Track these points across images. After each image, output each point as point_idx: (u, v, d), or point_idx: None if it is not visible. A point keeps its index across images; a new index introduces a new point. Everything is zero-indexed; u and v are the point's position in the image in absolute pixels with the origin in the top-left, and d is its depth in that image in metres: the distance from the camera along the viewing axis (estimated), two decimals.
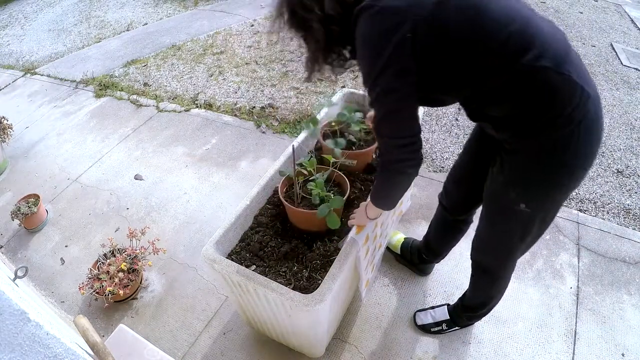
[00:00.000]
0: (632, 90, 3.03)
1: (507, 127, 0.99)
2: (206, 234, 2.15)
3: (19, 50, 4.57)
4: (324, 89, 3.22)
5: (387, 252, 1.94)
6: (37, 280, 2.02)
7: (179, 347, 1.69)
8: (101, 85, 3.56)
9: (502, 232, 1.17)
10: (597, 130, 0.94)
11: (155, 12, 5.09)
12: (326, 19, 0.95)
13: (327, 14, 0.94)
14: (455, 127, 2.73)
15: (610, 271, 1.85)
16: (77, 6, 5.61)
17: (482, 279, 1.40)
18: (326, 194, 1.40)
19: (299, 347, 1.55)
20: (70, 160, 2.79)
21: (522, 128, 0.96)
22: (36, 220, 2.26)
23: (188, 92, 3.36)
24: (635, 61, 3.39)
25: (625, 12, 4.37)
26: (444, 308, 1.65)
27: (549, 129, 0.92)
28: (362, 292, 1.52)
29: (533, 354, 1.58)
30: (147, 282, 1.95)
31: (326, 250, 1.38)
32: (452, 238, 1.63)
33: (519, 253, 1.22)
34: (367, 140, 1.69)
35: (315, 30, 0.97)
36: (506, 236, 1.17)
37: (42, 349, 0.76)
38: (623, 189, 2.25)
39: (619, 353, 1.57)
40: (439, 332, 1.64)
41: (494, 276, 1.34)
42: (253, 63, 3.65)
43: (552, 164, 0.95)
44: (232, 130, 2.89)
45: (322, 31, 0.97)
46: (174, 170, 2.59)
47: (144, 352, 1.25)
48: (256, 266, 1.35)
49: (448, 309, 1.64)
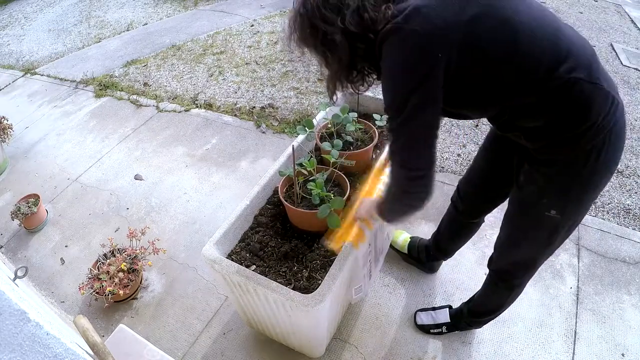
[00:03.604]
0: (632, 90, 3.03)
1: (541, 137, 0.97)
2: (206, 234, 2.15)
3: (19, 50, 4.57)
4: (324, 89, 3.22)
5: (391, 252, 1.94)
6: (37, 280, 2.02)
7: (179, 347, 1.69)
8: (101, 85, 3.56)
9: (530, 240, 1.15)
10: (623, 135, 0.96)
11: (155, 12, 5.09)
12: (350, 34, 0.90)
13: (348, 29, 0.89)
14: (456, 127, 2.73)
15: (610, 271, 1.85)
16: (77, 6, 5.61)
17: (499, 289, 1.37)
18: (326, 194, 1.40)
19: (299, 347, 1.55)
20: (70, 160, 2.79)
21: (556, 138, 0.94)
22: (36, 220, 2.26)
23: (188, 92, 3.36)
24: (635, 61, 3.39)
25: (625, 12, 4.37)
26: (446, 311, 1.64)
27: (584, 138, 0.91)
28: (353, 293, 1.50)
29: (533, 354, 1.58)
30: (147, 282, 1.95)
31: (326, 250, 1.37)
32: (464, 237, 1.63)
33: (542, 261, 1.21)
34: (364, 140, 1.69)
35: (338, 45, 0.91)
36: (534, 244, 1.15)
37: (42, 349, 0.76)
38: (623, 189, 2.25)
39: (619, 353, 1.57)
40: (438, 334, 1.64)
41: (513, 286, 1.32)
42: (253, 63, 3.65)
43: (587, 171, 0.96)
44: (232, 130, 2.89)
45: (347, 44, 0.91)
46: (174, 170, 2.59)
47: (144, 352, 1.25)
48: (256, 266, 1.35)
49: (450, 312, 1.63)
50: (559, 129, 0.92)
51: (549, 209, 1.03)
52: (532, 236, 1.14)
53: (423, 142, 0.92)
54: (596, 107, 0.89)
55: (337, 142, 1.52)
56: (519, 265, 1.25)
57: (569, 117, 0.90)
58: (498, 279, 1.35)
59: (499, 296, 1.39)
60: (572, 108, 0.89)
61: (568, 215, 1.05)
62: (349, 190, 1.44)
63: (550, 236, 1.10)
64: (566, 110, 0.90)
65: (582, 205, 1.04)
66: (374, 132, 1.68)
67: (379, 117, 1.73)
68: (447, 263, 1.87)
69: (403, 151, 0.94)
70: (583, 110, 0.89)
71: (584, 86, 0.87)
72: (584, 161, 0.94)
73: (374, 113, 1.78)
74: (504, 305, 1.41)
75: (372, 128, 1.69)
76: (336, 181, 1.53)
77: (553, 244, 1.13)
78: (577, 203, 1.03)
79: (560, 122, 0.91)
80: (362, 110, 1.90)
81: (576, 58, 0.87)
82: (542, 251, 1.16)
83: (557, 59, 0.86)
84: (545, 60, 0.86)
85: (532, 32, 0.86)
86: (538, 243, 1.14)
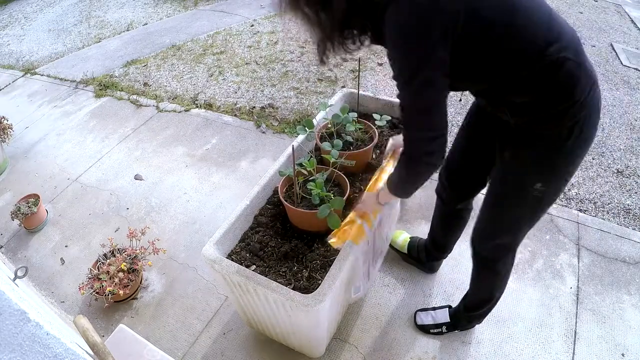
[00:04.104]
0: (632, 90, 3.03)
1: (527, 113, 1.01)
2: (206, 234, 2.15)
3: (19, 50, 4.57)
4: (324, 89, 3.22)
5: (392, 252, 1.94)
6: (37, 280, 2.02)
7: (179, 347, 1.69)
8: (101, 85, 3.56)
9: (513, 215, 1.19)
10: (599, 111, 1.02)
11: (155, 12, 5.09)
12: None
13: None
14: (455, 126, 2.73)
15: (610, 271, 1.85)
16: (77, 6, 5.61)
17: (486, 276, 1.41)
18: (326, 194, 1.40)
19: (299, 347, 1.55)
20: (70, 160, 2.79)
21: (542, 114, 0.99)
22: (36, 220, 2.26)
23: (188, 92, 3.36)
24: (635, 61, 3.39)
25: (625, 12, 4.37)
26: (445, 310, 1.65)
27: (567, 114, 0.96)
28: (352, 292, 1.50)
29: (533, 354, 1.58)
30: (147, 282, 1.96)
31: (326, 250, 1.38)
32: (457, 228, 1.64)
33: (521, 237, 1.25)
34: (364, 140, 1.69)
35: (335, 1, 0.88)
36: (516, 219, 1.19)
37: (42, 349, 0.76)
38: (623, 189, 2.25)
39: (619, 353, 1.57)
40: (438, 334, 1.64)
41: (498, 270, 1.35)
42: (253, 63, 3.65)
43: (570, 145, 1.00)
44: (232, 130, 2.89)
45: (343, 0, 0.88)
46: (174, 170, 2.59)
47: (144, 352, 1.25)
48: (256, 266, 1.35)
49: (449, 312, 1.64)
50: (546, 105, 0.97)
51: (534, 182, 1.07)
52: (517, 213, 1.17)
53: (438, 104, 0.94)
54: (580, 86, 0.94)
55: (337, 142, 1.53)
56: (501, 247, 1.28)
57: (556, 94, 0.95)
58: (482, 267, 1.39)
59: (487, 283, 1.43)
60: (560, 85, 0.94)
61: (552, 189, 1.10)
62: (349, 190, 1.44)
63: (533, 212, 1.15)
64: (554, 87, 0.94)
65: (563, 178, 1.09)
66: (374, 132, 1.68)
67: (378, 117, 1.73)
68: (447, 263, 1.87)
69: (420, 115, 0.96)
70: (569, 88, 0.94)
71: (572, 65, 0.92)
72: (566, 136, 0.99)
73: (374, 113, 1.78)
74: (495, 291, 1.43)
75: (372, 128, 1.69)
76: (336, 181, 1.53)
77: (534, 220, 1.18)
78: (560, 176, 1.08)
79: (548, 99, 0.96)
80: (362, 110, 1.90)
81: (566, 39, 0.92)
82: (524, 229, 1.21)
83: (549, 38, 0.90)
84: (539, 38, 0.90)
85: (528, 11, 0.91)
86: (522, 220, 1.18)
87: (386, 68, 3.41)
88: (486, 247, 1.33)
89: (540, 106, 0.98)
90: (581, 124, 0.98)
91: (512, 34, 0.90)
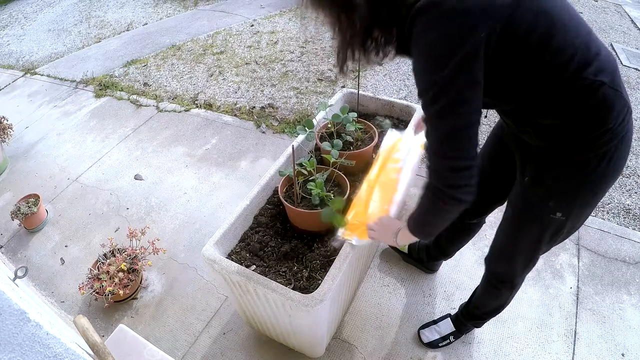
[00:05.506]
0: (632, 91, 3.03)
1: (554, 136, 0.94)
2: (206, 234, 2.15)
3: (19, 50, 4.57)
4: (324, 89, 3.22)
5: (392, 252, 1.94)
6: (37, 280, 2.02)
7: (179, 347, 1.69)
8: (101, 85, 3.56)
9: (532, 240, 1.14)
10: (630, 141, 0.97)
11: (155, 12, 5.09)
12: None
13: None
14: None
15: (610, 271, 1.85)
16: (77, 6, 5.61)
17: (498, 289, 1.35)
18: (326, 194, 1.40)
19: (299, 347, 1.55)
20: (70, 160, 2.79)
21: (570, 139, 0.92)
22: (36, 220, 2.26)
23: (188, 92, 3.36)
24: (635, 61, 3.39)
25: (625, 12, 4.37)
26: (447, 320, 1.62)
27: (599, 141, 0.90)
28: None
29: (533, 354, 1.58)
30: (147, 282, 1.95)
31: (326, 250, 1.38)
32: (464, 239, 1.62)
33: (536, 260, 1.21)
34: (364, 139, 1.69)
35: (357, 7, 0.82)
36: (535, 243, 1.14)
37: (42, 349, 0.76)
38: (623, 189, 2.25)
39: (619, 353, 1.57)
40: (447, 345, 1.61)
41: (511, 285, 1.31)
42: (253, 63, 3.65)
43: (597, 175, 0.95)
44: (232, 130, 2.89)
45: (367, 7, 0.82)
46: (174, 170, 2.59)
47: (144, 352, 1.25)
48: (256, 266, 1.35)
49: (451, 320, 1.61)
50: (575, 130, 0.90)
51: (555, 211, 1.02)
52: (535, 236, 1.12)
53: (469, 128, 0.82)
54: (614, 113, 0.88)
55: (337, 142, 1.52)
56: (515, 268, 1.24)
57: (588, 119, 0.89)
58: (498, 282, 1.33)
59: (499, 297, 1.39)
60: (593, 111, 0.88)
61: (573, 218, 1.04)
62: (349, 190, 1.44)
63: (553, 236, 1.10)
64: (586, 111, 0.88)
65: (588, 208, 1.04)
66: (374, 132, 1.68)
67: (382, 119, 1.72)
68: (447, 263, 1.87)
69: (447, 140, 0.83)
70: (602, 114, 0.88)
71: (607, 91, 0.86)
72: (596, 164, 0.93)
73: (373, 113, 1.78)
74: (506, 303, 1.41)
75: (372, 128, 1.69)
76: (336, 181, 1.53)
77: (554, 243, 1.13)
78: (584, 206, 1.02)
79: (578, 123, 0.89)
80: (362, 110, 1.90)
81: (603, 61, 0.86)
82: (544, 249, 1.16)
83: (587, 59, 0.84)
84: (576, 58, 0.83)
85: (567, 29, 0.83)
86: (539, 243, 1.13)
87: (386, 68, 3.41)
88: (500, 268, 1.30)
89: (568, 131, 0.91)
90: (611, 154, 0.92)
91: (547, 50, 0.82)
